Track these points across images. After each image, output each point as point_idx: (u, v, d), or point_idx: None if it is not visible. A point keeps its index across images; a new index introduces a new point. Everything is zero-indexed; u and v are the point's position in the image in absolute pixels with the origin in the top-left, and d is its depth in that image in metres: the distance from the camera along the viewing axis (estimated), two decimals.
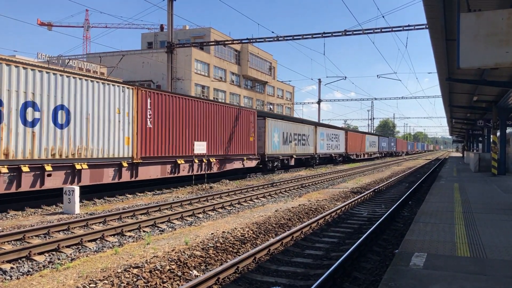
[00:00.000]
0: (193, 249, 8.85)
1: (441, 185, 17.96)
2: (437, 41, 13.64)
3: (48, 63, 41.94)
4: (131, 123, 17.44)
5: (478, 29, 6.76)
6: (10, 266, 7.87)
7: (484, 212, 10.64)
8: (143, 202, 16.11)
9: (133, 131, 17.51)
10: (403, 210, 15.05)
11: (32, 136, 13.64)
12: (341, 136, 50.47)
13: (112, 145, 16.55)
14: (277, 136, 31.11)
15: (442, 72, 18.16)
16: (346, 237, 10.80)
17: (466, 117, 37.71)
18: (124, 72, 48.18)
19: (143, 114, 18.03)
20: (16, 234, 9.77)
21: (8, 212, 13.28)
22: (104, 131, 16.21)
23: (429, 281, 5.19)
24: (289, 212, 13.78)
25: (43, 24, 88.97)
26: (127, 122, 17.22)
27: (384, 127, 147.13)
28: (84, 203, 15.38)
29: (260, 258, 8.52)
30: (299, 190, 21.39)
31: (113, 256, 8.59)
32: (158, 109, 18.87)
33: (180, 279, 7.23)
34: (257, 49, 65.58)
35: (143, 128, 18.02)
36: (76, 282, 6.93)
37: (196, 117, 21.67)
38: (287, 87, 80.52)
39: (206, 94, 54.84)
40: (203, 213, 14.06)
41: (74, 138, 15.05)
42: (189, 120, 21.02)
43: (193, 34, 56.14)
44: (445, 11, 10.98)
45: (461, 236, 7.81)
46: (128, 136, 17.25)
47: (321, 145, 42.54)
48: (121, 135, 16.97)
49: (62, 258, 8.57)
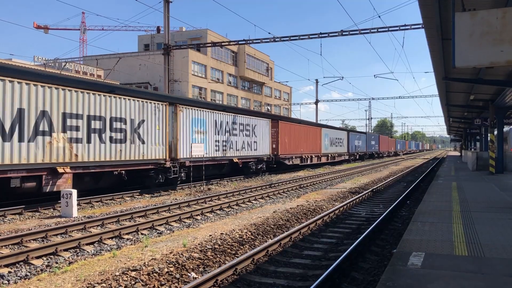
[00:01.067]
0: (191, 251, 8.84)
1: (439, 184, 17.99)
2: (433, 41, 13.66)
3: (44, 66, 41.86)
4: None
5: (473, 29, 6.78)
6: (7, 270, 7.85)
7: (482, 210, 10.66)
8: (141, 204, 16.08)
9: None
10: (401, 210, 15.07)
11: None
12: (260, 126, 29.73)
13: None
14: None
15: (438, 71, 18.19)
16: (345, 237, 10.80)
17: (463, 116, 37.78)
18: (121, 75, 48.16)
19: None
20: (13, 238, 9.75)
21: (5, 216, 13.24)
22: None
23: (427, 280, 5.20)
24: (288, 213, 13.78)
25: (40, 27, 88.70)
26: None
27: (382, 126, 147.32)
28: (82, 206, 15.35)
29: (259, 260, 8.52)
30: (297, 190, 21.40)
31: (111, 259, 8.57)
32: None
33: (178, 282, 7.22)
34: (254, 50, 65.63)
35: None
36: (74, 285, 6.92)
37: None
38: (285, 87, 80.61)
39: (204, 96, 54.84)
40: (201, 215, 14.05)
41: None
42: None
43: (190, 36, 56.14)
44: (441, 11, 11.00)
45: (459, 235, 7.82)
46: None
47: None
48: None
49: (60, 261, 8.55)
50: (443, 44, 13.82)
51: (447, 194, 14.25)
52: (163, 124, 19.58)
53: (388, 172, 36.66)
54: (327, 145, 44.13)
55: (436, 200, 12.62)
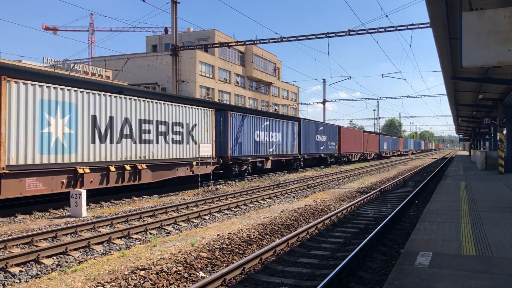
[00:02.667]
0: (199, 250, 8.90)
1: (447, 183, 17.91)
2: (441, 40, 13.62)
3: (54, 67, 42.22)
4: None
5: (480, 28, 6.77)
6: (19, 270, 7.96)
7: (491, 210, 10.61)
8: (149, 204, 16.19)
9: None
10: (409, 209, 15.03)
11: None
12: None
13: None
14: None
15: (446, 71, 18.12)
16: (352, 237, 10.81)
17: (472, 115, 37.55)
18: (129, 75, 48.44)
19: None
20: (24, 238, 9.88)
21: (16, 216, 13.40)
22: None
23: (435, 280, 5.21)
24: (295, 213, 13.81)
25: (48, 29, 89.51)
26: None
27: (390, 126, 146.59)
28: (91, 206, 15.49)
29: (266, 259, 8.56)
30: (304, 190, 21.40)
31: (120, 258, 8.66)
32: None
33: (186, 281, 7.28)
34: (261, 50, 65.65)
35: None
36: (84, 284, 7.01)
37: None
38: (292, 87, 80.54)
39: (211, 96, 54.98)
40: (209, 214, 14.12)
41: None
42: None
43: (197, 36, 56.30)
44: (448, 10, 10.97)
45: (467, 234, 7.80)
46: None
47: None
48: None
49: (70, 261, 8.65)
50: (451, 43, 13.78)
51: (455, 193, 14.19)
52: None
53: (396, 172, 36.51)
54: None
55: (445, 200, 12.58)
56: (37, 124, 13.46)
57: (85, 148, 15.10)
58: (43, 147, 13.60)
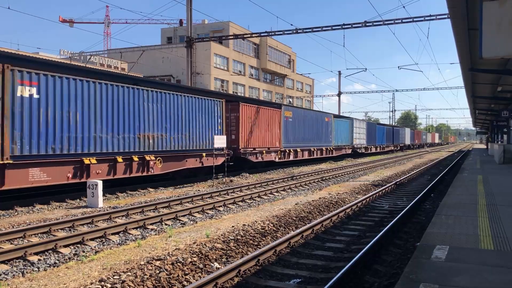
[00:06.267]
0: (214, 241, 8.95)
1: (464, 177, 17.68)
2: (459, 31, 13.37)
3: (70, 59, 42.63)
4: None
5: (501, 17, 6.60)
6: (37, 258, 8.10)
7: (509, 204, 10.44)
8: (164, 195, 16.32)
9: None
10: (425, 203, 14.88)
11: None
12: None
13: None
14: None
15: (464, 63, 17.81)
16: (367, 230, 10.75)
17: (490, 107, 36.92)
18: (144, 68, 48.62)
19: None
20: (42, 227, 10.04)
21: (34, 206, 13.63)
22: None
23: (451, 273, 5.15)
24: (309, 205, 13.78)
25: (65, 21, 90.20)
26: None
27: (406, 119, 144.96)
28: (107, 197, 15.67)
29: (281, 251, 8.57)
30: (319, 183, 21.34)
31: (136, 248, 8.75)
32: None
33: (201, 271, 7.33)
34: (276, 42, 65.30)
35: None
36: (100, 273, 7.10)
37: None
38: (307, 79, 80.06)
39: (226, 88, 54.99)
40: (224, 206, 14.17)
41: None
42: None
43: (212, 28, 56.21)
44: (467, 0, 10.75)
45: (484, 229, 7.69)
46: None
47: None
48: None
49: (87, 250, 8.77)
50: (470, 34, 13.52)
51: (472, 187, 14.00)
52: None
53: (411, 165, 36.17)
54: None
55: (461, 193, 12.42)
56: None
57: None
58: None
